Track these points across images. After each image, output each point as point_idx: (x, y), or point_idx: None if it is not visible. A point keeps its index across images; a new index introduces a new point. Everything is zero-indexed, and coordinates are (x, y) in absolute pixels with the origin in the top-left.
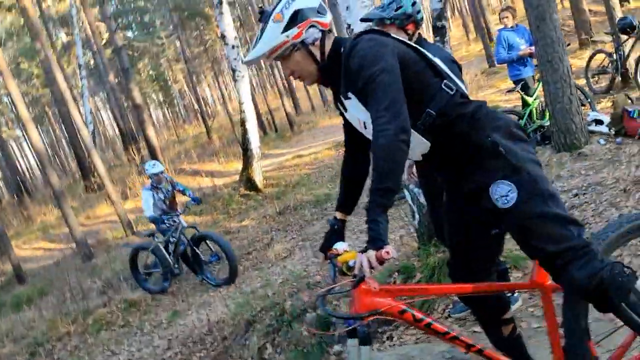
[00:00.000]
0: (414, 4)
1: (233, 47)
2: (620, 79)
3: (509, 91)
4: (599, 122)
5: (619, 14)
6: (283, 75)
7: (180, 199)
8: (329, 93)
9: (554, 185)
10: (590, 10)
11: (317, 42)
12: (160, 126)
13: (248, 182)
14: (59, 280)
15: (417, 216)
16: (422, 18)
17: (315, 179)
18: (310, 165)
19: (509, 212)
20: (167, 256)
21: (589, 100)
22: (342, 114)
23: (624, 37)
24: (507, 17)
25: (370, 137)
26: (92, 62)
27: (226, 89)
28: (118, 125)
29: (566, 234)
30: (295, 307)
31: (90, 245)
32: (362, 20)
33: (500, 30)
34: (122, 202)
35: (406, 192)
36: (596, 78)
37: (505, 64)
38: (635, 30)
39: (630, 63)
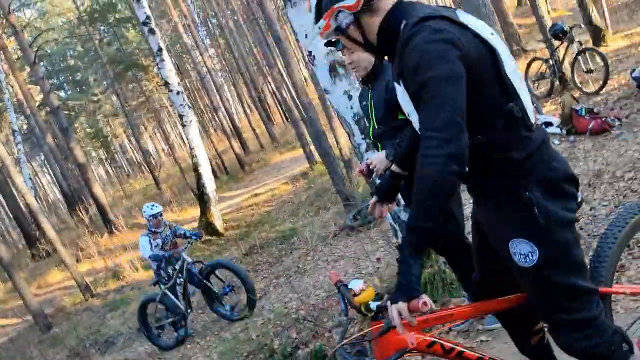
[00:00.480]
0: None
1: (178, 93)
2: (559, 82)
3: None
4: (548, 124)
5: (549, 22)
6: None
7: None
8: (277, 130)
9: None
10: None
11: (352, 27)
12: (105, 183)
13: (208, 227)
14: (19, 356)
15: (399, 234)
16: None
17: (276, 215)
18: (269, 202)
19: (525, 270)
20: (178, 302)
21: (535, 105)
22: None
23: (557, 43)
24: None
25: (416, 125)
26: (25, 126)
27: (168, 138)
28: (61, 187)
29: (578, 306)
30: (285, 346)
31: (48, 315)
32: (328, 43)
33: None
34: (77, 265)
35: (387, 214)
36: (536, 84)
37: None
38: (567, 35)
39: (566, 67)
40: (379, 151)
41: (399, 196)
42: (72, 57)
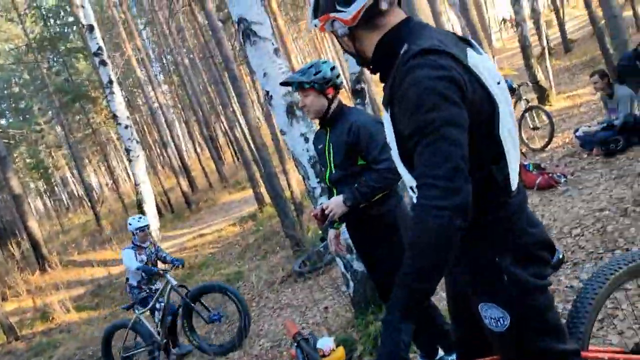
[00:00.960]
0: (332, 68)
1: (126, 126)
2: None
3: None
4: None
5: None
6: (177, 155)
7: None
8: (227, 169)
9: None
10: None
11: (346, 38)
12: (41, 216)
13: None
14: None
15: (351, 284)
16: (341, 82)
17: (221, 257)
18: (214, 243)
19: (497, 334)
20: (152, 329)
21: None
22: None
23: None
24: None
25: (396, 157)
26: None
27: (113, 172)
28: None
29: None
30: None
31: None
32: (284, 84)
33: None
34: (1, 304)
35: (338, 260)
36: None
37: None
38: (515, 92)
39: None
40: (333, 195)
41: (351, 244)
42: (16, 84)
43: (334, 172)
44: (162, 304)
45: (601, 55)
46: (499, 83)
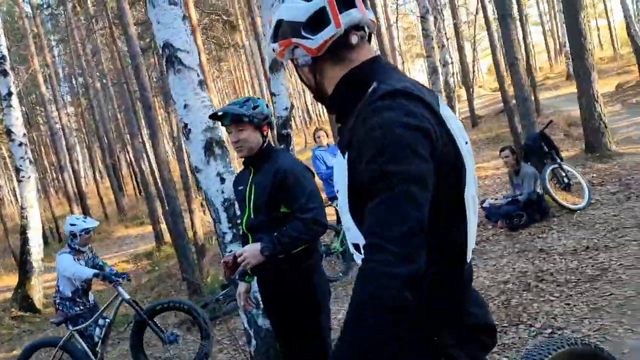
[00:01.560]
0: (267, 105)
1: (20, 144)
2: None
3: (326, 206)
4: None
5: None
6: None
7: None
8: (127, 202)
9: None
10: None
11: (307, 69)
12: None
13: (24, 301)
14: None
15: (253, 341)
16: (272, 121)
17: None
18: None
19: None
20: (88, 350)
21: None
22: None
23: None
24: (321, 136)
25: (345, 207)
26: None
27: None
28: None
29: None
30: None
31: None
32: (213, 116)
33: (315, 149)
34: None
35: (242, 314)
36: None
37: (322, 182)
38: None
39: None
40: (248, 243)
41: (259, 298)
42: None
43: (252, 217)
44: (107, 320)
45: (509, 132)
46: (466, 143)
